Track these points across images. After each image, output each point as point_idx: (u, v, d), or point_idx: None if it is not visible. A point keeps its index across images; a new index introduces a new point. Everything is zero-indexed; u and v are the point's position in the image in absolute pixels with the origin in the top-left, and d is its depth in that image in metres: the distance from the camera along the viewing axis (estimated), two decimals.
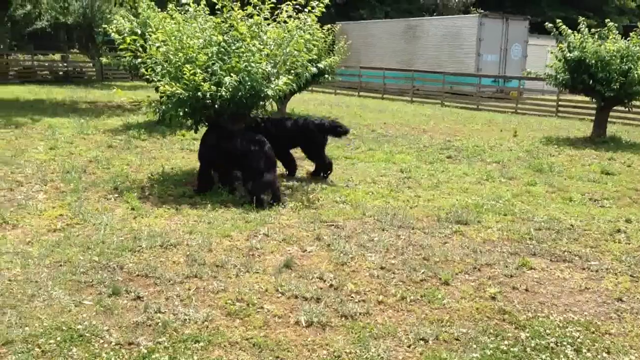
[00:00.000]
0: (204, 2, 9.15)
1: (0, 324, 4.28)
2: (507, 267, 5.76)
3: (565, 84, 14.50)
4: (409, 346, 4.23)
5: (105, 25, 13.84)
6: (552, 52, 14.76)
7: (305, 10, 8.89)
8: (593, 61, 13.51)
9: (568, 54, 13.93)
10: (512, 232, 6.88)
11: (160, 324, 4.37)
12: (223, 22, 8.44)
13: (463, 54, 26.73)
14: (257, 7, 8.46)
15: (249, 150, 7.77)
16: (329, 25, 16.27)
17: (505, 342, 4.32)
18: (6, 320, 4.33)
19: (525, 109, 22.16)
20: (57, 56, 33.79)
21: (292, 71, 8.56)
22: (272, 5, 8.59)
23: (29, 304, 4.61)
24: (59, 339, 4.10)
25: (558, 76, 14.53)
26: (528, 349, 4.22)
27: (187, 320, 4.45)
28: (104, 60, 15.53)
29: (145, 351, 3.99)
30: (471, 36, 26.38)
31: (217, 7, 8.57)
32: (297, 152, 9.80)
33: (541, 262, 5.97)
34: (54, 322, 4.31)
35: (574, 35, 13.95)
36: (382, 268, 5.63)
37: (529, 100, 23.69)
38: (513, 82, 25.21)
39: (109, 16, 27.97)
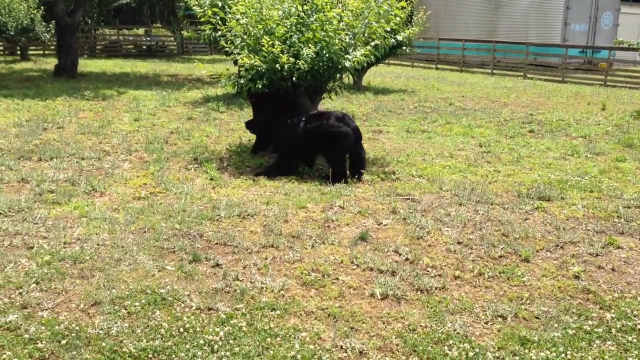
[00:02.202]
0: None
1: (90, 285, 4.51)
2: (592, 245, 5.52)
3: None
4: (486, 322, 4.14)
5: None
6: None
7: None
8: None
9: None
10: (599, 209, 6.57)
11: (238, 291, 4.48)
12: None
13: (549, 23, 25.50)
14: None
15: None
16: None
17: (589, 322, 4.15)
18: (95, 282, 4.56)
19: (615, 81, 21.01)
20: (141, 31, 34.89)
21: (371, 43, 8.45)
22: None
23: (115, 267, 4.84)
24: (143, 301, 4.28)
25: None
26: (613, 330, 4.04)
27: (264, 288, 4.54)
28: (185, 34, 15.88)
29: (224, 316, 4.11)
30: (558, 4, 25.07)
31: None
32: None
33: (629, 241, 5.68)
34: (138, 286, 4.51)
35: None
36: (459, 243, 5.53)
37: (620, 72, 22.41)
38: (602, 52, 23.88)
39: None
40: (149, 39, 32.07)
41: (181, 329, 3.94)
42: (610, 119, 12.99)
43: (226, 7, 10.36)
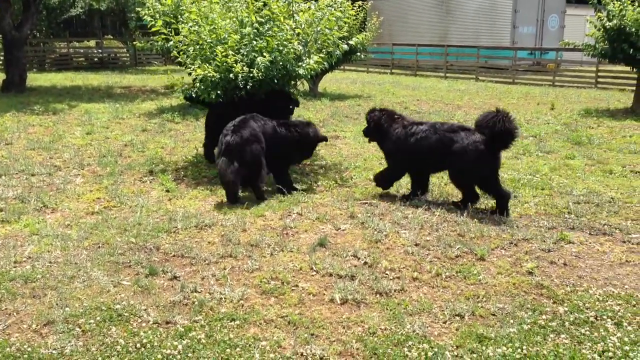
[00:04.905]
0: None
1: (42, 305, 4.39)
2: (544, 241, 5.65)
3: (604, 54, 14.04)
4: (444, 322, 4.20)
5: (139, 9, 13.92)
6: (590, 22, 14.28)
7: None
8: (634, 29, 13.02)
9: (607, 23, 13.47)
10: (550, 206, 6.74)
11: (196, 303, 4.42)
12: (257, 0, 8.41)
13: (498, 26, 26.11)
14: None
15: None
16: (360, 3, 16.06)
17: (543, 316, 4.25)
18: (47, 301, 4.45)
19: (563, 81, 21.63)
20: (92, 43, 34.26)
21: (324, 50, 8.49)
22: None
23: (69, 285, 4.72)
24: (98, 318, 4.19)
25: (597, 46, 14.10)
26: (567, 324, 4.14)
27: (223, 299, 4.50)
28: (137, 45, 15.67)
29: (182, 330, 4.05)
30: (506, 8, 25.72)
31: None
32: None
33: (580, 236, 5.84)
34: (93, 302, 4.41)
35: (614, 4, 13.45)
36: (416, 245, 5.59)
37: (567, 72, 23.09)
38: (550, 53, 24.58)
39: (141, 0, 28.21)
40: (100, 51, 31.56)
41: (138, 345, 3.87)
42: (559, 118, 13.36)
43: (179, 16, 10.27)
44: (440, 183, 7.70)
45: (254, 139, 6.88)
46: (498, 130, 6.14)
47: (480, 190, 6.64)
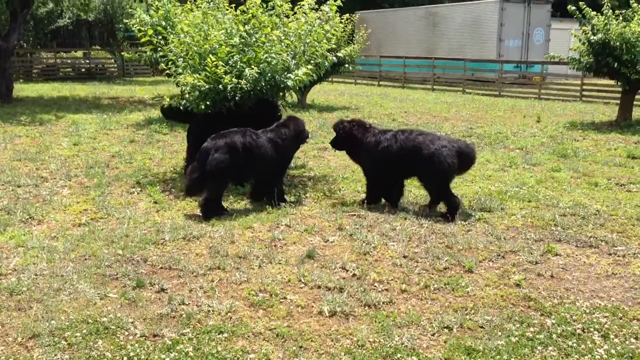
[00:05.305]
0: None
1: (27, 317, 4.34)
2: (531, 253, 5.68)
3: (589, 67, 14.22)
4: (432, 334, 4.20)
5: (127, 20, 13.92)
6: (575, 36, 14.48)
7: (327, 2, 8.85)
8: (618, 43, 13.22)
9: (592, 37, 13.65)
10: (537, 218, 6.79)
11: (184, 315, 4.40)
12: (244, 12, 8.45)
13: (484, 40, 26.38)
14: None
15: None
16: (347, 15, 16.17)
17: (531, 329, 4.27)
18: (33, 314, 4.40)
19: (548, 94, 21.84)
20: (80, 53, 34.17)
21: (312, 61, 8.53)
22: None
23: (55, 297, 4.68)
24: (84, 331, 4.15)
25: (582, 60, 14.27)
26: (554, 336, 4.17)
27: (211, 311, 4.48)
28: (125, 55, 15.66)
29: (170, 343, 4.02)
30: (492, 22, 25.99)
31: None
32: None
33: (566, 249, 5.88)
34: (79, 315, 4.37)
35: (598, 18, 13.66)
36: (404, 257, 5.60)
37: (553, 85, 23.33)
38: (536, 67, 24.84)
39: (130, 10, 28.25)
40: (88, 61, 31.43)
41: (125, 358, 3.84)
42: (545, 130, 13.49)
43: (168, 27, 10.28)
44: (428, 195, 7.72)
45: (226, 150, 6.74)
46: None
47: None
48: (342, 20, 11.79)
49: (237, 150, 6.80)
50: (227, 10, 8.91)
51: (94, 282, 4.97)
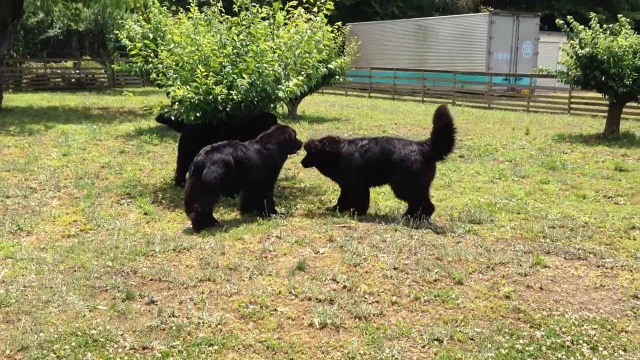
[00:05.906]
0: (220, 4, 9.24)
1: (16, 330, 4.31)
2: (521, 265, 5.72)
3: (577, 80, 14.37)
4: (423, 347, 4.21)
5: (117, 31, 13.93)
6: (563, 49, 14.64)
7: (314, 10, 8.91)
8: (605, 57, 13.37)
9: (580, 51, 13.81)
10: (526, 230, 6.83)
11: (174, 327, 4.38)
12: (238, 23, 8.48)
13: (474, 52, 26.62)
14: (271, 12, 8.52)
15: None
16: (338, 24, 16.22)
17: (521, 341, 4.28)
18: (21, 326, 4.36)
19: (537, 107, 22.03)
20: (70, 63, 34.07)
21: (303, 72, 8.56)
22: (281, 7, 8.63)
23: (43, 309, 4.65)
24: (73, 344, 4.12)
25: (570, 73, 14.41)
26: (544, 348, 4.19)
27: (201, 323, 4.46)
28: (115, 66, 15.63)
29: (160, 355, 4.01)
30: (482, 35, 26.26)
31: (235, 6, 8.61)
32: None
33: (555, 260, 5.92)
34: (68, 328, 4.34)
35: (586, 32, 13.82)
36: (395, 268, 5.61)
37: (541, 98, 23.54)
38: (524, 79, 25.08)
39: (120, 21, 28.27)
40: (78, 71, 31.33)
41: None
42: (534, 143, 13.59)
43: (158, 39, 10.30)
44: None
45: (222, 165, 6.74)
46: None
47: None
48: (333, 30, 11.82)
49: (229, 164, 6.80)
50: (223, 20, 8.95)
51: (83, 294, 4.94)
